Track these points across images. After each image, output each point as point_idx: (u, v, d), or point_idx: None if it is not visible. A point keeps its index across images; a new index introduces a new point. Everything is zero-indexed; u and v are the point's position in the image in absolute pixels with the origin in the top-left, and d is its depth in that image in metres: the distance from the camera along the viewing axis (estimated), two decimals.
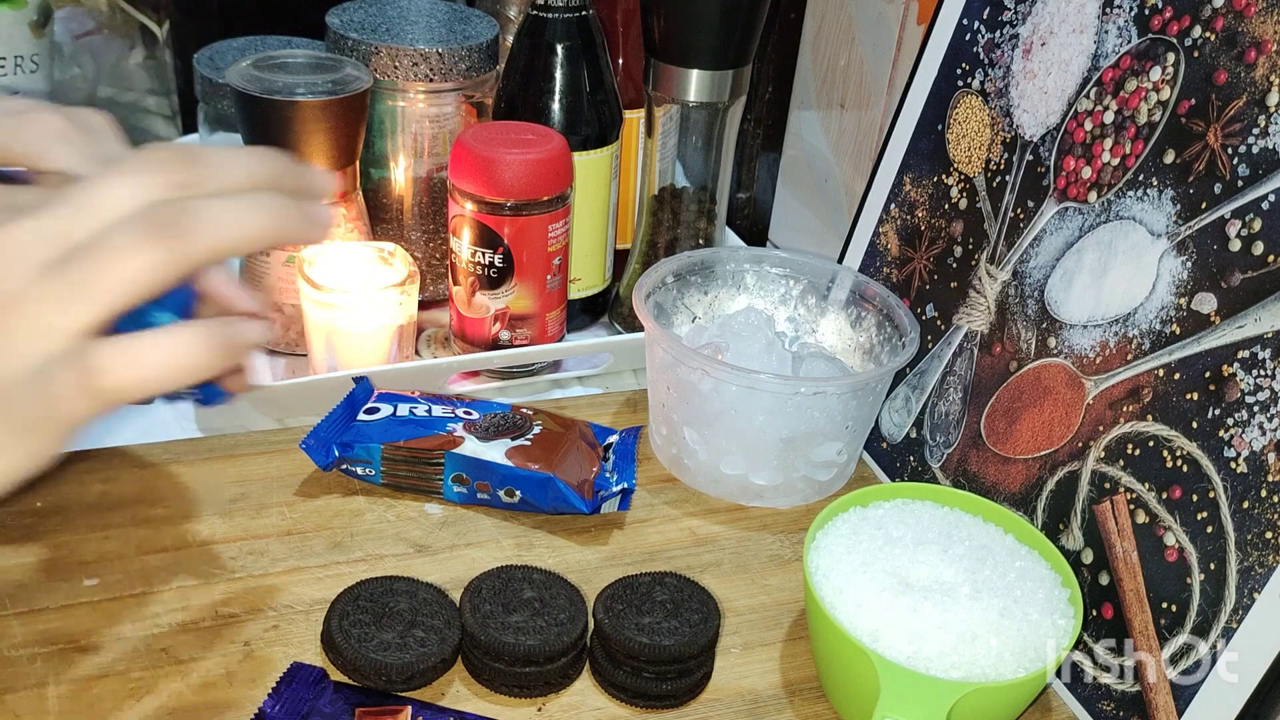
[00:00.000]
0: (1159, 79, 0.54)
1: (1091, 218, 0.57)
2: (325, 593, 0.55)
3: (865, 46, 0.87)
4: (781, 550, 0.63)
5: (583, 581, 0.56)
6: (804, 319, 0.74)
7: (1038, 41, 0.61)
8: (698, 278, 0.73)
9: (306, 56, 0.72)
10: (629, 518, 0.64)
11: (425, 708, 0.50)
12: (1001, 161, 0.63)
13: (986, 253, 0.63)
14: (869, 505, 0.57)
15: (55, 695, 0.49)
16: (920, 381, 0.67)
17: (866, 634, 0.49)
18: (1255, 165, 0.49)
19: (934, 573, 0.52)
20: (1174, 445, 0.51)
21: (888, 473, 0.69)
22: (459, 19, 0.81)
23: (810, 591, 0.51)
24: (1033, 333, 0.60)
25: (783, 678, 0.55)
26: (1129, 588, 0.53)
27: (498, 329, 0.75)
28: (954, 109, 0.66)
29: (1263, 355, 0.48)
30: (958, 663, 0.48)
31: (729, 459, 0.64)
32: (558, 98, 0.75)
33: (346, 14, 0.79)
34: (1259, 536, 0.47)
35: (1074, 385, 0.57)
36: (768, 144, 1.00)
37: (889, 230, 0.71)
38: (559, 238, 0.73)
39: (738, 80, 0.76)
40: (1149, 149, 0.54)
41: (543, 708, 0.51)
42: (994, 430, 0.61)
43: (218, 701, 0.50)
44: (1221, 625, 0.48)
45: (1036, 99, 0.61)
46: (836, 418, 0.63)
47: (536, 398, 0.75)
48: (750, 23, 0.74)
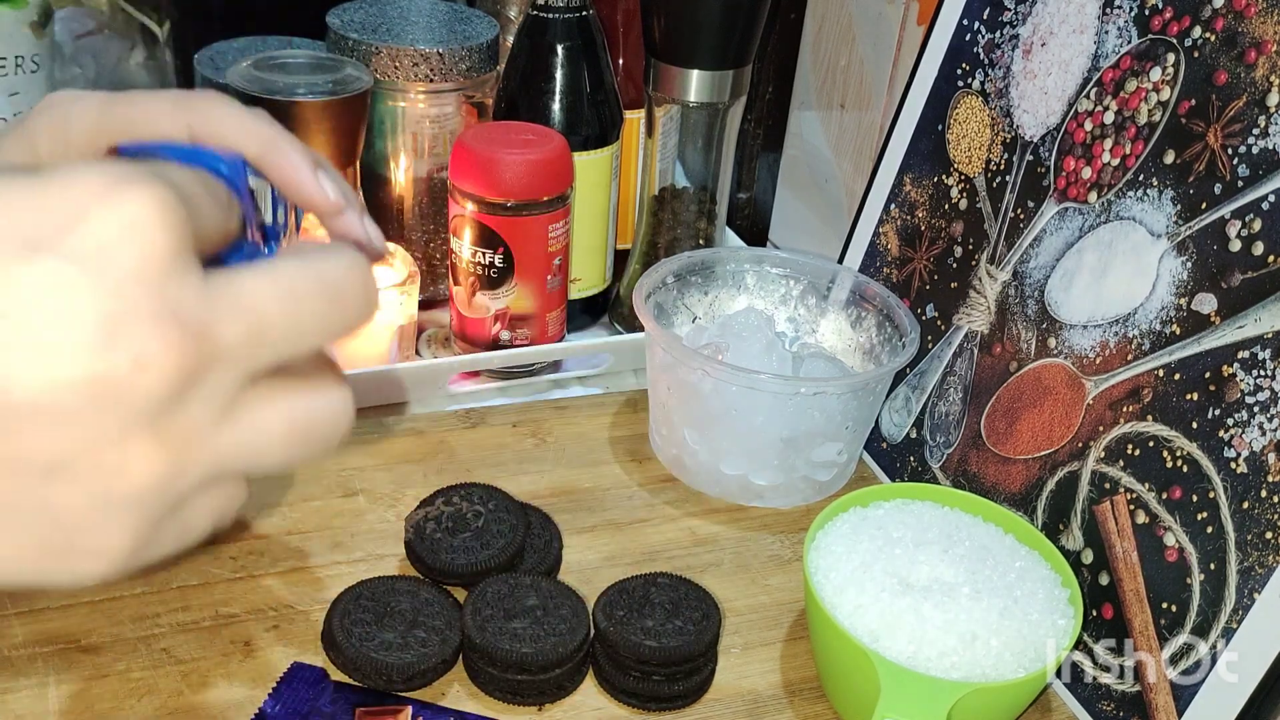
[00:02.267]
0: (1159, 79, 0.54)
1: (1091, 218, 0.57)
2: (325, 593, 0.55)
3: (865, 46, 0.87)
4: (781, 550, 0.63)
5: (583, 582, 0.56)
6: (804, 319, 0.74)
7: (1038, 42, 0.61)
8: (698, 278, 0.73)
9: (307, 57, 0.72)
10: (629, 517, 0.64)
11: (425, 708, 0.50)
12: (1002, 162, 0.63)
13: (986, 253, 0.63)
14: (869, 505, 0.57)
15: (55, 695, 0.49)
16: (920, 382, 0.67)
17: (866, 634, 0.49)
18: (1255, 165, 0.49)
19: (934, 573, 0.52)
20: (1174, 445, 0.51)
21: (888, 473, 0.69)
22: (459, 19, 0.81)
23: (810, 591, 0.51)
24: (1033, 333, 0.60)
25: (783, 678, 0.55)
26: (1129, 588, 0.53)
27: (498, 329, 0.75)
28: (954, 109, 0.66)
29: (1263, 355, 0.48)
30: (958, 663, 0.48)
31: (729, 459, 0.64)
32: (558, 98, 0.75)
33: (347, 14, 0.79)
34: (1259, 536, 0.47)
35: (1074, 385, 0.57)
36: (768, 144, 1.00)
37: (889, 230, 0.71)
38: (559, 238, 0.73)
39: (738, 80, 0.76)
40: (1149, 149, 0.54)
41: (543, 707, 0.51)
42: (994, 430, 0.61)
43: (218, 701, 0.50)
44: (1221, 625, 0.48)
45: (1036, 99, 0.61)
46: (836, 418, 0.63)
47: (537, 398, 0.75)
48: (750, 23, 0.74)
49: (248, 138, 0.36)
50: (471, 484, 0.60)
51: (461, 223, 0.72)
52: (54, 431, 0.23)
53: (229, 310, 0.25)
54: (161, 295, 0.23)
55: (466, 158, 0.70)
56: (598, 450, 0.69)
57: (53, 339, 0.22)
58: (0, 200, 0.23)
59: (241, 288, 0.25)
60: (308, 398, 0.28)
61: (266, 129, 0.36)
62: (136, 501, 0.25)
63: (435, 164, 0.81)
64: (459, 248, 0.73)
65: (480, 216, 0.71)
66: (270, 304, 0.26)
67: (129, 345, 0.22)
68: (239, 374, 0.26)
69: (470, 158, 0.70)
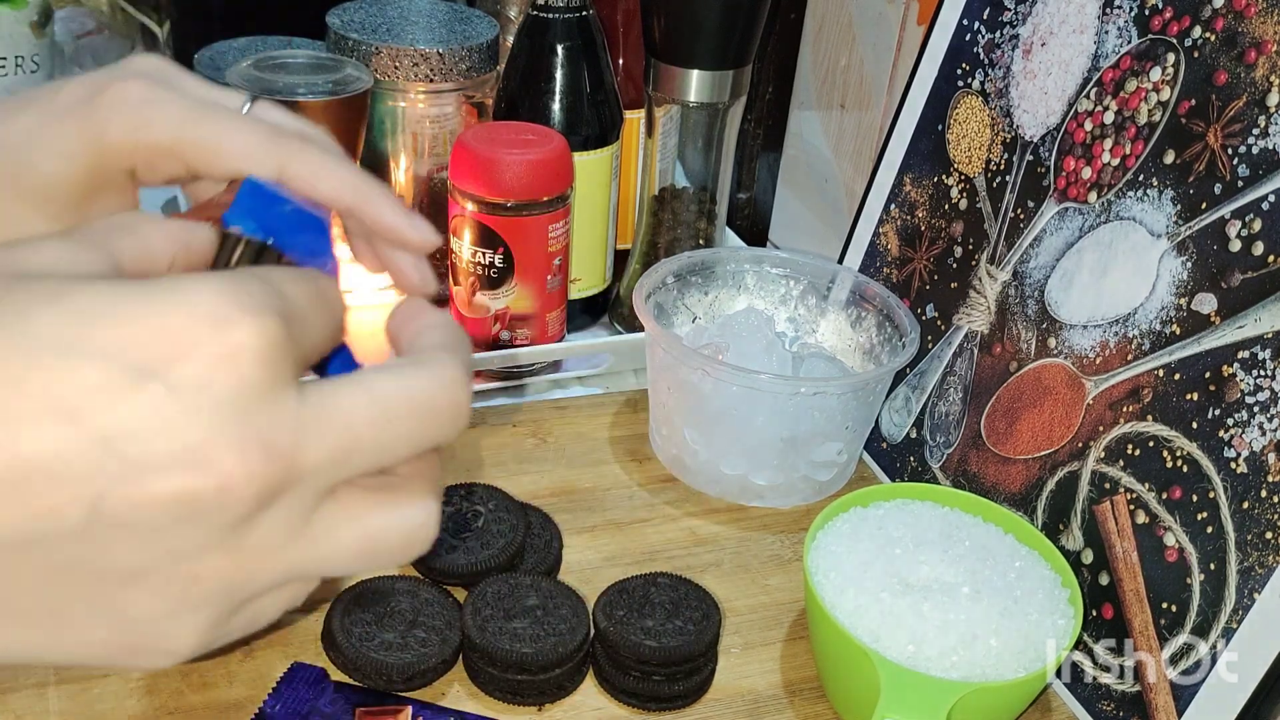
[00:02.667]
0: (1159, 79, 0.54)
1: (1091, 218, 0.57)
2: (325, 592, 0.55)
3: (865, 47, 0.87)
4: (781, 550, 0.63)
5: (583, 582, 0.56)
6: (804, 319, 0.74)
7: (1038, 42, 0.61)
8: (698, 278, 0.73)
9: (307, 57, 0.72)
10: (629, 517, 0.64)
11: (426, 708, 0.50)
12: (1002, 162, 0.63)
13: (987, 253, 0.63)
14: (869, 505, 0.57)
15: (55, 695, 0.49)
16: (920, 382, 0.67)
17: (866, 634, 0.49)
18: (1255, 165, 0.49)
19: (934, 573, 0.52)
20: (1174, 445, 0.51)
21: (888, 473, 0.69)
22: (459, 19, 0.81)
23: (810, 591, 0.51)
24: (1033, 333, 0.60)
25: (783, 678, 0.55)
26: (1129, 588, 0.53)
27: (498, 329, 0.75)
28: (954, 109, 0.66)
29: (1263, 355, 0.48)
30: (958, 663, 0.48)
31: (729, 459, 0.64)
32: (558, 98, 0.75)
33: (347, 14, 0.79)
34: (1259, 536, 0.47)
35: (1074, 385, 0.57)
36: (768, 144, 1.00)
37: (889, 230, 0.71)
38: (559, 238, 0.73)
39: (738, 80, 0.76)
40: (1149, 149, 0.54)
41: (543, 707, 0.51)
42: (994, 430, 0.61)
43: (218, 701, 0.50)
44: (1221, 625, 0.48)
45: (1036, 99, 0.61)
46: (836, 418, 0.63)
47: (537, 398, 0.75)
48: (750, 23, 0.74)
49: (342, 190, 0.36)
50: (472, 484, 0.60)
51: (461, 223, 0.72)
52: (138, 544, 0.24)
53: (318, 431, 0.26)
54: (254, 424, 0.24)
55: (466, 158, 0.70)
56: (598, 450, 0.69)
57: (148, 462, 0.23)
58: (118, 316, 0.24)
59: (336, 407, 0.26)
60: (386, 514, 0.28)
61: (359, 179, 0.36)
62: (206, 606, 0.26)
63: (435, 164, 0.81)
64: (459, 248, 0.73)
65: (480, 216, 0.71)
66: (362, 424, 0.26)
67: (217, 470, 0.24)
68: (320, 489, 0.26)
69: (470, 158, 0.70)
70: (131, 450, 0.23)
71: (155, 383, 0.23)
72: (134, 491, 0.23)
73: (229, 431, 0.24)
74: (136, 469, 0.23)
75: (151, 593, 0.25)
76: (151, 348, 0.24)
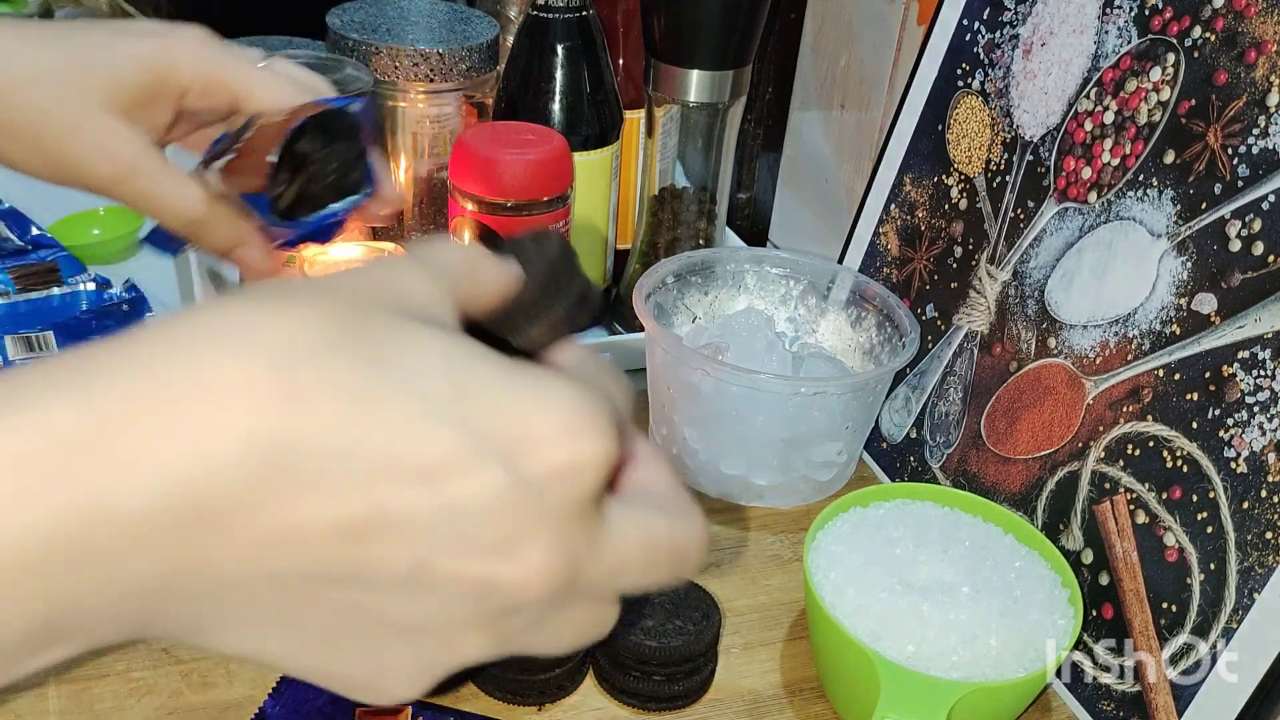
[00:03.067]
0: (1159, 79, 0.54)
1: (1091, 218, 0.57)
2: None
3: (865, 47, 0.87)
4: (781, 550, 0.63)
5: None
6: (804, 319, 0.74)
7: (1038, 42, 0.61)
8: (698, 278, 0.73)
9: (307, 56, 0.72)
10: None
11: (426, 708, 0.50)
12: (1001, 162, 0.63)
13: (986, 253, 0.63)
14: (869, 505, 0.57)
15: (55, 695, 0.49)
16: (920, 382, 0.67)
17: (866, 634, 0.49)
18: (1255, 165, 0.49)
19: (934, 573, 0.52)
20: (1174, 445, 0.51)
21: (888, 473, 0.69)
22: (459, 19, 0.81)
23: (810, 591, 0.51)
24: (1033, 333, 0.60)
25: (783, 678, 0.55)
26: (1129, 588, 0.53)
27: None
28: (954, 109, 0.66)
29: (1263, 355, 0.48)
30: (958, 663, 0.48)
31: (729, 459, 0.64)
32: (558, 98, 0.75)
33: (347, 14, 0.79)
34: (1259, 536, 0.47)
35: (1074, 385, 0.57)
36: (768, 144, 1.00)
37: (889, 230, 0.71)
38: None
39: (738, 81, 0.76)
40: (1149, 149, 0.54)
41: (543, 707, 0.51)
42: (994, 430, 0.61)
43: (218, 701, 0.50)
44: (1221, 625, 0.48)
45: (1036, 99, 0.61)
46: (836, 418, 0.63)
47: None
48: (750, 23, 0.74)
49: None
50: None
51: (462, 223, 0.72)
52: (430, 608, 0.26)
53: (602, 551, 0.27)
54: (568, 533, 0.26)
55: (466, 158, 0.70)
56: None
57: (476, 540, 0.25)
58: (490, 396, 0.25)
59: (623, 534, 0.28)
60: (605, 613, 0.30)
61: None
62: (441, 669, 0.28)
63: (435, 164, 0.81)
64: None
65: (480, 216, 0.71)
66: (634, 555, 0.28)
67: (524, 566, 0.25)
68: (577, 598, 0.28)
69: (470, 158, 0.70)
70: (467, 526, 0.25)
71: (503, 470, 0.25)
72: (454, 564, 0.25)
73: (547, 535, 0.25)
74: (465, 544, 0.25)
75: (414, 649, 0.27)
76: (507, 435, 0.25)
